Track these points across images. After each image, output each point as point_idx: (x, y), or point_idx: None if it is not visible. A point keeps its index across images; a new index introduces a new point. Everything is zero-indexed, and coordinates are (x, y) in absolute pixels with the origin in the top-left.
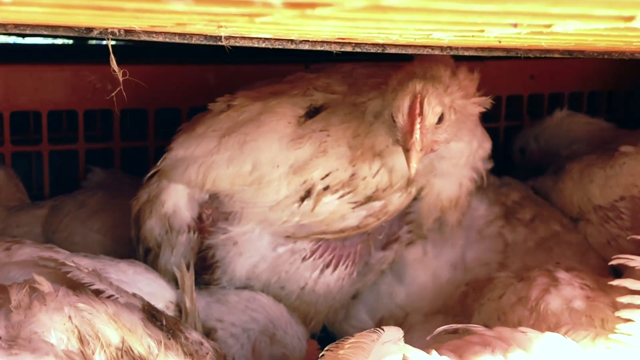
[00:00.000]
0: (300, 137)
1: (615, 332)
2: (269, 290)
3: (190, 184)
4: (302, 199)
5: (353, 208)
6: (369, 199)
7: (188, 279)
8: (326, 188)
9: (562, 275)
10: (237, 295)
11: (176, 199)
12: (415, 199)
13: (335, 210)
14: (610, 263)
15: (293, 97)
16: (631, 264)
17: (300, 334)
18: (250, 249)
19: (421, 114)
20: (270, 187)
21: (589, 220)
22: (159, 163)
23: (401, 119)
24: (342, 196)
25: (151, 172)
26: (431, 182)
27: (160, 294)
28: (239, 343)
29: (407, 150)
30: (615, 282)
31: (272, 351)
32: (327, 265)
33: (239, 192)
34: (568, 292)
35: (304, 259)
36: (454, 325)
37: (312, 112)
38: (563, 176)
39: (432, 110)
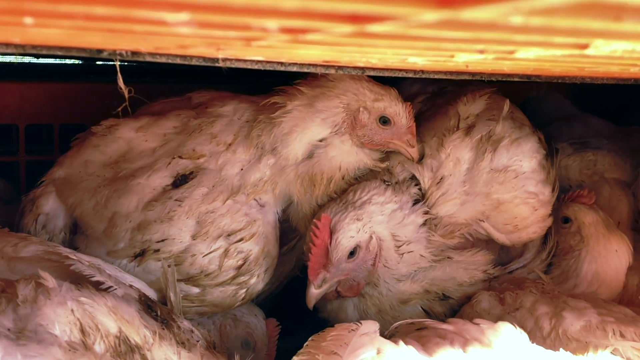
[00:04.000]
0: (155, 201)
1: None
2: None
3: (62, 201)
4: (135, 257)
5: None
6: (189, 279)
7: (170, 274)
8: (157, 251)
9: None
10: None
11: (52, 208)
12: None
13: (155, 282)
14: None
15: (159, 171)
16: None
17: (256, 312)
18: None
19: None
20: (115, 237)
21: None
22: (48, 173)
23: (405, 120)
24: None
25: (42, 179)
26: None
27: (145, 290)
28: (205, 330)
29: (412, 147)
30: None
31: (237, 332)
32: None
33: (92, 227)
34: None
35: None
36: (409, 320)
37: (180, 181)
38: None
39: None
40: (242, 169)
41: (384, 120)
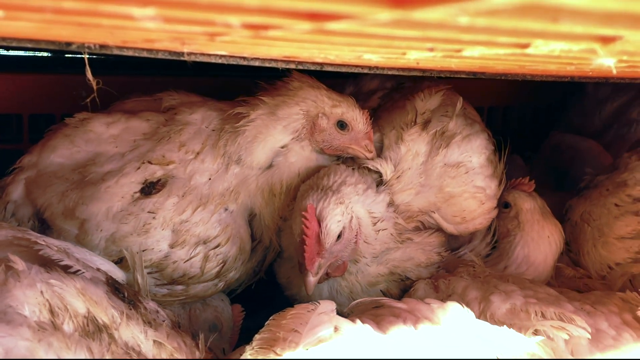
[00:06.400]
0: (128, 214)
1: None
2: None
3: (30, 201)
4: (115, 263)
5: (156, 285)
6: (173, 282)
7: (138, 258)
8: None
9: None
10: None
11: (20, 196)
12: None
13: None
14: None
15: (128, 175)
16: None
17: (222, 297)
18: None
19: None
20: (90, 244)
21: None
22: (19, 161)
23: (362, 125)
24: (148, 273)
25: (14, 166)
26: None
27: (114, 272)
28: (172, 312)
29: (370, 152)
30: None
31: (206, 316)
32: None
33: (65, 231)
34: None
35: None
36: (367, 299)
37: (148, 188)
38: None
39: None
40: (210, 179)
41: (342, 125)
